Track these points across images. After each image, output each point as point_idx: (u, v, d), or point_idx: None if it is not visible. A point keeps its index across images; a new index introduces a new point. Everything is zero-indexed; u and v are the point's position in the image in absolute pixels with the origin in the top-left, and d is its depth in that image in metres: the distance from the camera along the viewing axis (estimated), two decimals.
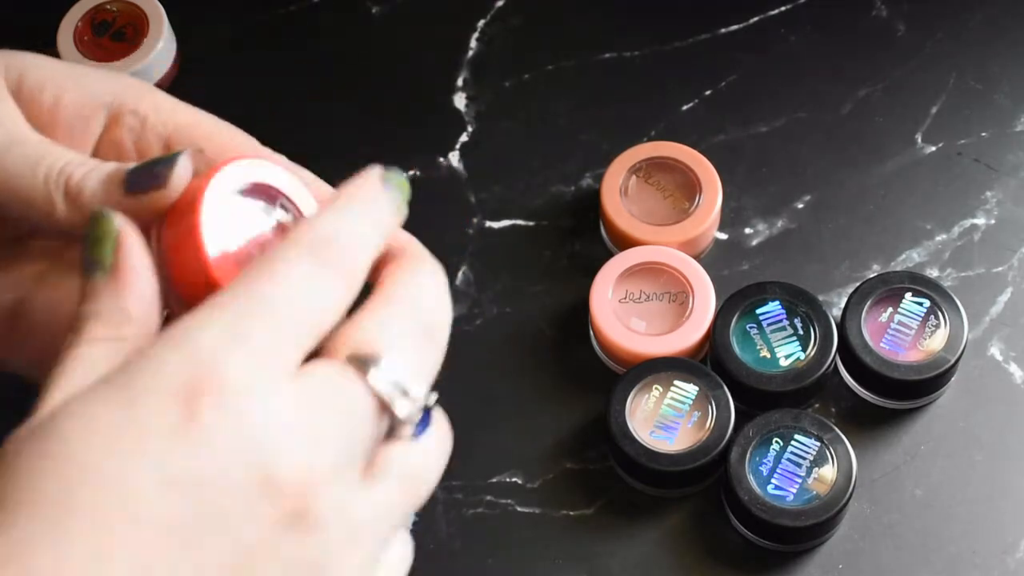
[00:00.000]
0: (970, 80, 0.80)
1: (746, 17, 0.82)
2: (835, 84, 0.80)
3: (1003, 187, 0.77)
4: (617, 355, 0.72)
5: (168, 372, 0.39)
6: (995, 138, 0.78)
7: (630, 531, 0.69)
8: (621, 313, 0.72)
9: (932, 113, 0.79)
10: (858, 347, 0.70)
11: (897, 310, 0.71)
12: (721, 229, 0.76)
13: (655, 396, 0.70)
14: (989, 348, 0.73)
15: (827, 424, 0.68)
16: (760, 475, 0.67)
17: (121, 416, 0.39)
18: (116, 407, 0.39)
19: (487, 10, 0.83)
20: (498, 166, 0.78)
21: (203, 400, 0.39)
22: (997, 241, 0.75)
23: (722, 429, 0.68)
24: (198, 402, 0.39)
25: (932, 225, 0.76)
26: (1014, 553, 0.68)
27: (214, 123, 0.51)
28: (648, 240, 0.73)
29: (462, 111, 0.80)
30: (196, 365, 0.39)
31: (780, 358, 0.70)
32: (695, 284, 0.72)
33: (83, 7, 0.80)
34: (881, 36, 0.81)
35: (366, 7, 0.83)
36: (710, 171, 0.75)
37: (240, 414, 0.39)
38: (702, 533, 0.69)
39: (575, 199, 0.77)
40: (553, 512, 0.70)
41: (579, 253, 0.76)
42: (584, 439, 0.71)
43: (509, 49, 0.82)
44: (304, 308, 0.41)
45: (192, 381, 0.39)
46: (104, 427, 0.39)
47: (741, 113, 0.79)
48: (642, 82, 0.81)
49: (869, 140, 0.78)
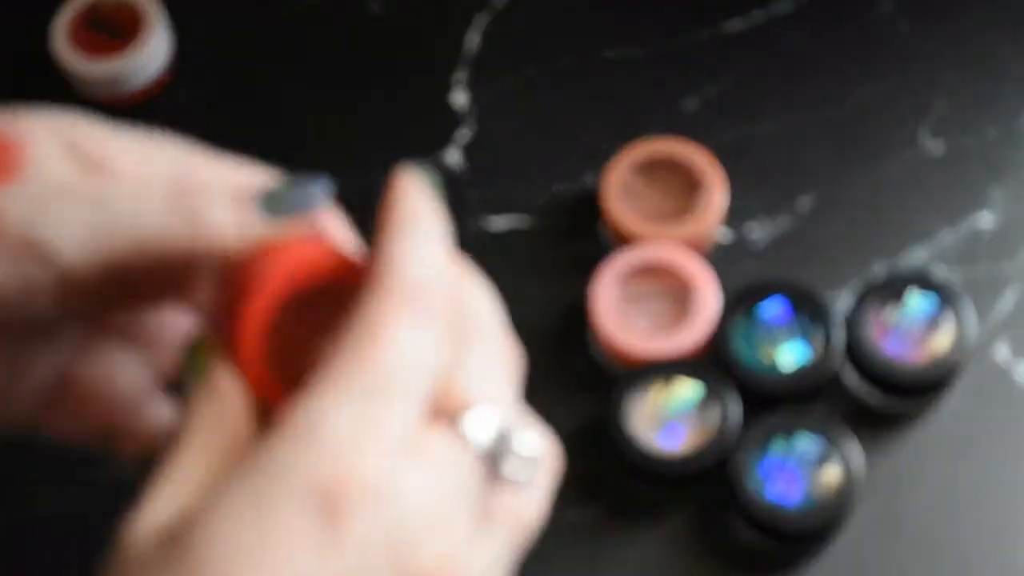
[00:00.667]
0: (975, 77, 0.79)
1: (748, 16, 0.82)
2: (838, 82, 0.79)
3: (1009, 185, 0.76)
4: (618, 355, 0.71)
5: (302, 473, 0.37)
6: (1001, 135, 0.78)
7: (630, 531, 0.69)
8: (621, 313, 0.72)
9: (936, 111, 0.78)
10: (863, 347, 0.69)
11: (903, 310, 0.70)
12: (724, 228, 0.76)
13: (655, 396, 0.69)
14: (996, 348, 0.72)
15: (831, 425, 0.68)
16: (762, 476, 0.67)
17: (259, 527, 0.37)
18: (253, 518, 0.37)
19: (487, 10, 0.83)
20: (498, 165, 0.78)
21: (342, 502, 0.37)
22: (1003, 240, 0.75)
23: (724, 429, 0.68)
24: (338, 505, 0.37)
25: (936, 224, 0.75)
26: (1019, 554, 0.68)
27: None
28: (650, 239, 0.73)
29: (462, 109, 0.80)
30: (330, 463, 0.37)
31: (783, 358, 0.70)
32: (696, 284, 0.72)
33: (78, 3, 0.79)
34: (885, 34, 0.81)
35: (366, 6, 0.83)
36: (712, 169, 0.74)
37: (380, 512, 0.37)
38: (703, 533, 0.69)
39: (576, 198, 0.77)
40: (553, 512, 0.69)
41: (579, 253, 0.76)
42: (584, 440, 0.71)
43: (509, 49, 0.82)
44: (418, 371, 0.39)
45: (328, 482, 0.37)
46: (244, 542, 0.37)
47: (743, 112, 0.79)
48: (642, 81, 0.80)
49: (873, 138, 0.78)
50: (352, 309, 0.40)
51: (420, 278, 0.40)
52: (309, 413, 0.38)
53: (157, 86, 0.80)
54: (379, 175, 0.81)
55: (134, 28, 0.79)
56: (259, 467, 0.37)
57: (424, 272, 0.40)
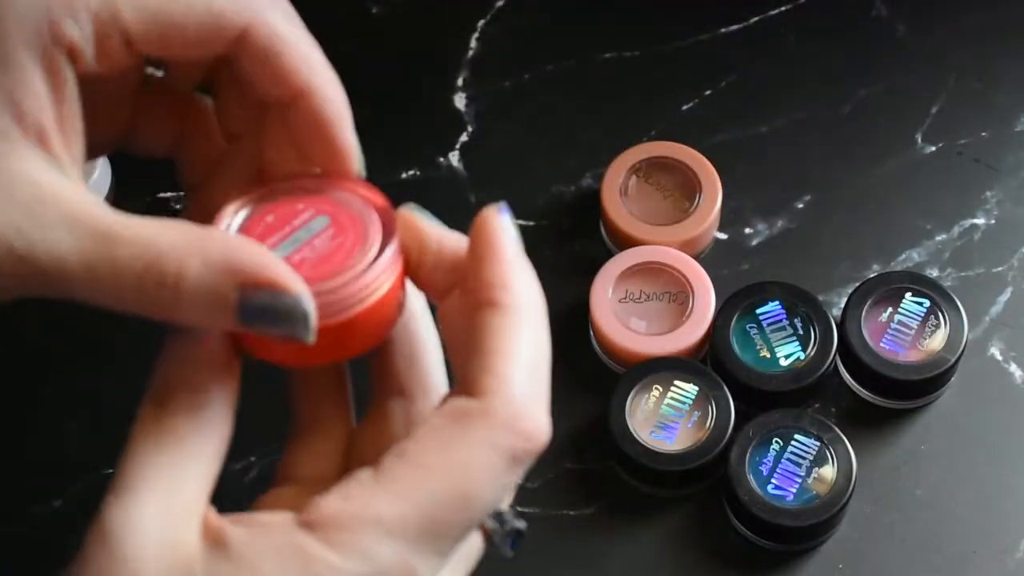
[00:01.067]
0: (970, 80, 0.80)
1: (746, 17, 0.82)
2: (835, 84, 0.80)
3: (1003, 187, 0.77)
4: (617, 355, 0.72)
5: None
6: (995, 138, 0.78)
7: (630, 531, 0.69)
8: (621, 313, 0.72)
9: (932, 113, 0.79)
10: (858, 347, 0.70)
11: (897, 310, 0.71)
12: (721, 229, 0.76)
13: (655, 396, 0.70)
14: (989, 348, 0.73)
15: (827, 424, 0.68)
16: (760, 475, 0.67)
17: None
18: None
19: (487, 10, 0.83)
20: (498, 166, 0.78)
21: None
22: (997, 241, 0.75)
23: (722, 429, 0.68)
24: None
25: (932, 225, 0.76)
26: (1014, 553, 0.68)
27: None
28: (648, 240, 0.73)
29: (462, 111, 0.80)
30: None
31: (780, 358, 0.70)
32: (695, 284, 0.72)
33: None
34: (881, 36, 0.81)
35: (366, 7, 0.83)
36: (710, 171, 0.75)
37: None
38: (702, 533, 0.69)
39: (575, 199, 0.77)
40: (553, 512, 0.70)
41: (579, 253, 0.76)
42: (584, 439, 0.71)
43: (509, 49, 0.82)
44: (492, 503, 0.42)
45: None
46: None
47: (741, 113, 0.79)
48: (642, 82, 0.81)
49: (869, 140, 0.78)
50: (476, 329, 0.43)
51: (521, 409, 0.43)
52: (395, 538, 0.40)
53: None
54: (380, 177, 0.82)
55: None
56: None
57: (525, 398, 0.43)
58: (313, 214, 0.45)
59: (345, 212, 0.46)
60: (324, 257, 0.44)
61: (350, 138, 0.48)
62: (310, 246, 0.44)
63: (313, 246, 0.44)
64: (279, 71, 0.46)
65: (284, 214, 0.45)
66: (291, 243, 0.44)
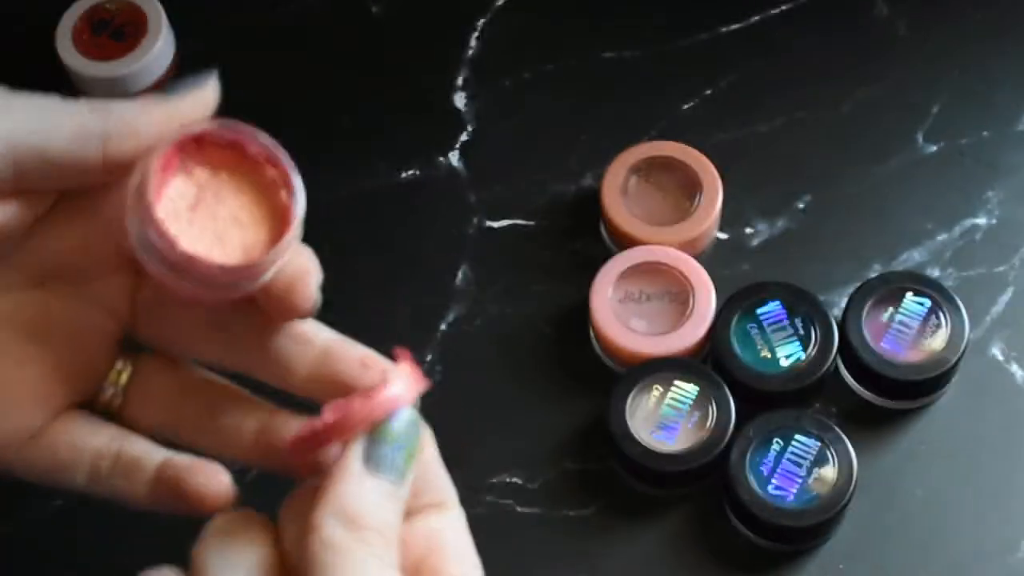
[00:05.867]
0: (971, 79, 0.80)
1: (746, 17, 0.82)
2: (836, 83, 0.80)
3: (1004, 187, 0.77)
4: (617, 355, 0.72)
5: None
6: (996, 137, 0.78)
7: (630, 531, 0.69)
8: (621, 313, 0.72)
9: (933, 112, 0.79)
10: (859, 347, 0.70)
11: (898, 310, 0.71)
12: (721, 229, 0.76)
13: (655, 396, 0.70)
14: (990, 348, 0.73)
15: (827, 424, 0.68)
16: (760, 475, 0.67)
17: None
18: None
19: (487, 10, 0.83)
20: (498, 166, 0.78)
21: None
22: (998, 241, 0.75)
23: (722, 429, 0.68)
24: None
25: (933, 225, 0.76)
26: (1015, 553, 0.68)
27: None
28: (648, 240, 0.73)
29: (462, 111, 0.80)
30: None
31: (780, 358, 0.70)
32: (695, 284, 0.72)
33: (82, 6, 0.80)
34: (882, 35, 0.81)
35: (366, 7, 0.83)
36: (710, 170, 0.75)
37: None
38: (702, 533, 0.69)
39: (575, 199, 0.77)
40: (553, 512, 0.70)
41: (579, 253, 0.76)
42: (584, 439, 0.71)
43: (509, 49, 0.82)
44: None
45: None
46: None
47: (741, 113, 0.79)
48: (642, 81, 0.81)
49: (870, 140, 0.78)
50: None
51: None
52: None
53: (160, 87, 0.80)
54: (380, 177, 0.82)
55: (138, 31, 0.79)
56: None
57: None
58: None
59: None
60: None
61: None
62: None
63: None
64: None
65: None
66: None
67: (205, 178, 0.48)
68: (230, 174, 0.48)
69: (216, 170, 0.48)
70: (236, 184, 0.49)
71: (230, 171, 0.48)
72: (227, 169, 0.48)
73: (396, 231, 0.77)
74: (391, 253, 0.76)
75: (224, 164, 0.49)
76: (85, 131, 0.47)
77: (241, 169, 0.48)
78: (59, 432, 0.49)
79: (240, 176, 0.49)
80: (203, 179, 0.48)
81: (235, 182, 0.48)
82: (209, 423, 0.51)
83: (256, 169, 0.49)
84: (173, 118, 0.48)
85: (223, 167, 0.49)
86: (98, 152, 0.47)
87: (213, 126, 0.48)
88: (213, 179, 0.48)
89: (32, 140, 0.46)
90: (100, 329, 0.50)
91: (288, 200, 0.48)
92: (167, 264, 0.46)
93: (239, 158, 0.48)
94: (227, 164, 0.49)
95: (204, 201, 0.48)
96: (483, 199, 0.78)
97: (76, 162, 0.47)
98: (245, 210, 0.48)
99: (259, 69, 0.82)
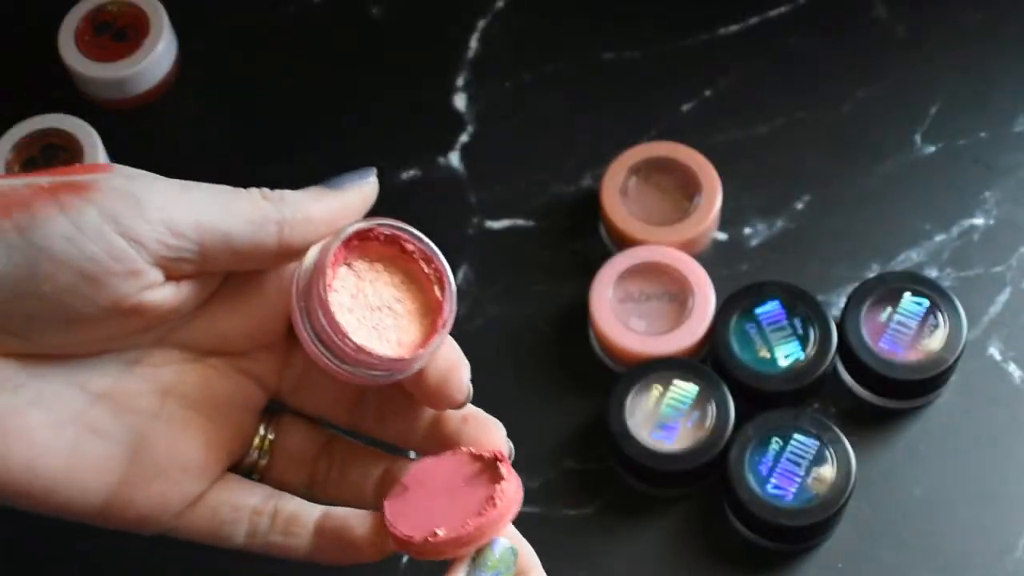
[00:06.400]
0: (969, 80, 0.80)
1: (746, 17, 0.82)
2: (834, 84, 0.80)
3: (1002, 187, 0.77)
4: (617, 355, 0.72)
5: None
6: (994, 138, 0.78)
7: (630, 531, 0.69)
8: (621, 313, 0.72)
9: (931, 113, 0.79)
10: (857, 347, 0.70)
11: (896, 310, 0.71)
12: (721, 229, 0.76)
13: (655, 396, 0.70)
14: (988, 348, 0.73)
15: (826, 424, 0.68)
16: (759, 475, 0.67)
17: None
18: None
19: (487, 10, 0.83)
20: (498, 166, 0.78)
21: None
22: (996, 241, 0.75)
23: (722, 429, 0.69)
24: None
25: (931, 225, 0.76)
26: (1013, 553, 0.68)
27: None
28: (648, 240, 0.74)
29: (462, 111, 0.80)
30: None
31: (779, 358, 0.70)
32: (695, 284, 0.72)
33: (84, 7, 0.80)
34: (880, 36, 0.81)
35: (366, 7, 0.83)
36: (710, 171, 0.75)
37: None
38: (702, 533, 0.69)
39: (575, 199, 0.77)
40: (553, 511, 0.70)
41: (579, 253, 0.76)
42: (584, 439, 0.71)
43: (509, 49, 0.82)
44: None
45: None
46: None
47: (741, 113, 0.79)
48: (642, 82, 0.81)
49: (868, 140, 0.78)
50: None
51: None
52: None
53: (162, 88, 0.80)
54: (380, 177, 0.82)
55: (140, 31, 0.79)
56: None
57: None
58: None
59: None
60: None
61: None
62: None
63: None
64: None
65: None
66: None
67: (364, 270, 0.51)
68: (387, 267, 0.52)
69: (374, 263, 0.51)
70: (392, 278, 0.52)
71: (387, 264, 0.52)
72: (384, 262, 0.52)
73: None
74: None
75: (382, 257, 0.52)
76: (264, 218, 0.50)
77: (397, 263, 0.52)
78: (218, 495, 0.53)
79: (396, 270, 0.52)
80: (362, 271, 0.51)
81: (391, 276, 0.52)
82: (340, 477, 0.55)
83: (412, 264, 0.51)
84: (342, 210, 0.51)
85: (381, 260, 0.52)
86: (274, 238, 0.50)
87: (379, 222, 0.51)
88: (371, 271, 0.51)
89: (217, 225, 0.49)
90: (252, 399, 0.54)
91: (441, 296, 0.51)
92: (331, 350, 0.50)
93: (396, 253, 0.51)
94: (385, 258, 0.52)
95: (363, 292, 0.51)
96: (483, 199, 0.78)
97: (255, 247, 0.50)
98: (401, 303, 0.51)
99: (259, 69, 0.82)
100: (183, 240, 0.49)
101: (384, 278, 0.51)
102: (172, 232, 0.49)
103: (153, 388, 0.52)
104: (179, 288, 0.50)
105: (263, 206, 0.50)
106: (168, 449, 0.51)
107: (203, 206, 0.50)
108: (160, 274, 0.49)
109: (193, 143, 0.80)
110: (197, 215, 0.49)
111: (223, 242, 0.50)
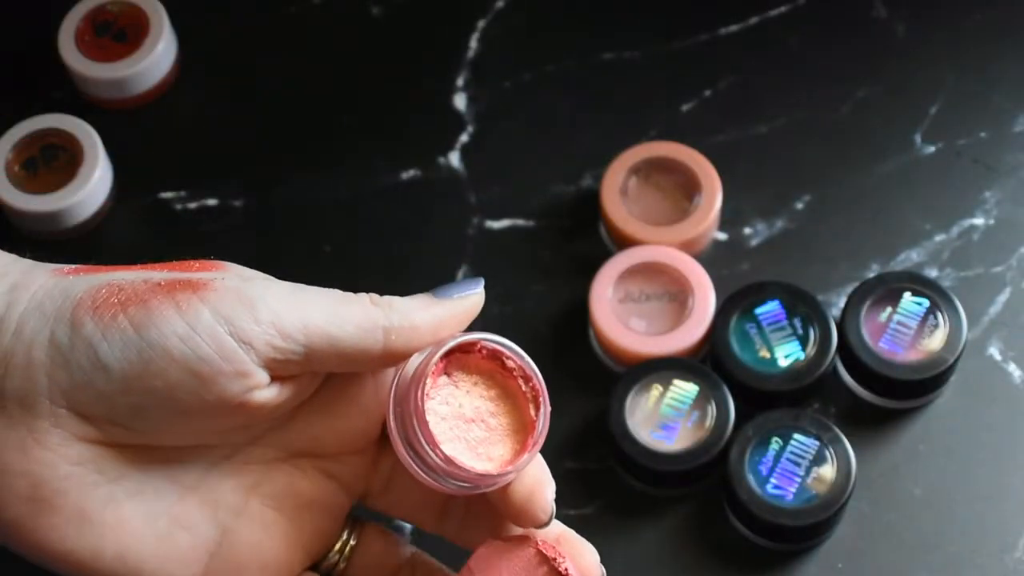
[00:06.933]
0: (969, 80, 0.80)
1: (746, 17, 0.82)
2: (834, 84, 0.80)
3: (1002, 187, 0.77)
4: (617, 355, 0.72)
5: None
6: (994, 138, 0.78)
7: (630, 531, 0.69)
8: (621, 313, 0.72)
9: (931, 113, 0.79)
10: (857, 347, 0.70)
11: (896, 310, 0.71)
12: (721, 229, 0.76)
13: (655, 396, 0.70)
14: (988, 348, 0.73)
15: (826, 424, 0.69)
16: (759, 474, 0.67)
17: None
18: None
19: (487, 10, 0.83)
20: (498, 166, 0.79)
21: None
22: (996, 241, 0.75)
23: (722, 429, 0.69)
24: None
25: (931, 225, 0.76)
26: (1013, 552, 0.68)
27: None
28: (648, 240, 0.74)
29: (462, 111, 0.80)
30: None
31: (779, 358, 0.70)
32: (695, 284, 0.72)
33: (84, 7, 0.80)
34: (880, 36, 0.81)
35: (366, 7, 0.83)
36: (710, 171, 0.75)
37: None
38: (702, 533, 0.69)
39: (575, 199, 0.77)
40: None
41: (579, 253, 0.76)
42: (584, 439, 0.71)
43: (509, 49, 0.82)
44: None
45: None
46: None
47: (741, 113, 0.79)
48: (642, 82, 0.81)
49: (868, 140, 0.78)
50: None
51: None
52: None
53: (162, 88, 0.80)
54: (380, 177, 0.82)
55: (140, 31, 0.79)
56: None
57: None
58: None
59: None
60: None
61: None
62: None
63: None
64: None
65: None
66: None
67: (462, 381, 0.52)
68: (485, 381, 0.52)
69: (473, 375, 0.52)
70: (489, 391, 0.52)
71: (485, 378, 0.52)
72: (483, 376, 0.52)
73: (396, 231, 0.77)
74: (391, 253, 0.77)
75: (481, 371, 0.52)
76: (371, 323, 0.50)
77: (496, 378, 0.52)
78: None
79: (494, 384, 0.52)
80: (461, 382, 0.52)
81: (488, 389, 0.52)
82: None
83: (510, 381, 0.52)
84: (448, 320, 0.52)
85: (480, 374, 0.52)
86: (380, 344, 0.50)
87: (482, 337, 0.51)
88: (469, 383, 0.52)
89: (325, 329, 0.50)
90: (337, 502, 0.54)
91: (535, 415, 0.51)
92: (421, 457, 0.50)
93: (496, 368, 0.52)
94: (484, 371, 0.52)
95: (459, 403, 0.51)
96: (483, 199, 0.78)
97: (361, 352, 0.51)
98: (495, 418, 0.52)
99: (259, 69, 0.82)
100: (291, 343, 0.49)
101: (480, 391, 0.52)
102: (282, 335, 0.49)
103: (239, 484, 0.52)
104: (282, 388, 0.51)
105: (371, 312, 0.51)
106: (250, 546, 0.52)
107: (312, 309, 0.50)
108: (267, 375, 0.50)
109: (193, 143, 0.80)
110: (306, 318, 0.50)
111: (330, 346, 0.50)
